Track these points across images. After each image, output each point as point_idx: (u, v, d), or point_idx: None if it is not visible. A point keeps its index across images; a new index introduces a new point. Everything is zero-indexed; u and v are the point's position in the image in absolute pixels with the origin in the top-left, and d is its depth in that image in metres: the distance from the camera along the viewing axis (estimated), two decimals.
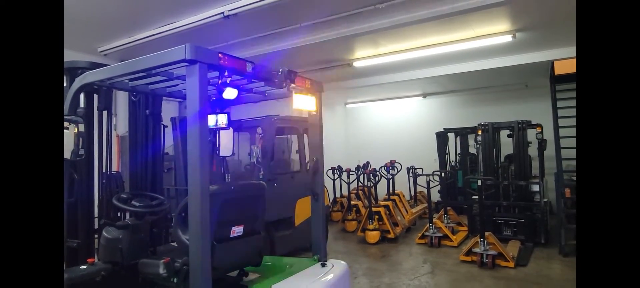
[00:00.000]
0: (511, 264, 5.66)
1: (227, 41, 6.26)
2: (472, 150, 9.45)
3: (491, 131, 7.68)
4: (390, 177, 9.11)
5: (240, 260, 2.63)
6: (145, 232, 2.76)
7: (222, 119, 3.10)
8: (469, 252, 5.99)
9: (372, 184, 8.16)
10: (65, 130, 2.39)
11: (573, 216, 6.17)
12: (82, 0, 4.77)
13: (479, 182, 6.39)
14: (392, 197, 8.55)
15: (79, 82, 2.60)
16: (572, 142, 5.75)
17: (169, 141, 4.47)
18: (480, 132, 7.74)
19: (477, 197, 6.53)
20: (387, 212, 7.67)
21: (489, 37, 6.34)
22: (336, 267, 2.83)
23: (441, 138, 10.60)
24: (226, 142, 3.35)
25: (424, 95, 12.23)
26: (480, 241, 5.83)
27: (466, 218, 7.83)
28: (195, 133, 2.01)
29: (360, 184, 10.00)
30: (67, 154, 2.42)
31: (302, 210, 6.17)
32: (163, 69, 2.41)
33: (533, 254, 6.32)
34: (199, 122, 2.00)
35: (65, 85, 3.17)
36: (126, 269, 2.63)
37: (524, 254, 6.18)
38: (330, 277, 2.70)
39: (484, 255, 5.75)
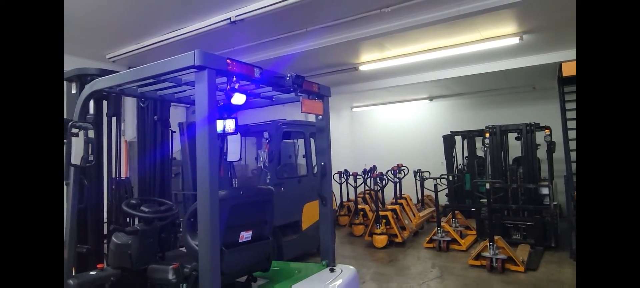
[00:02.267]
0: (521, 268, 5.60)
1: (233, 46, 6.30)
2: (480, 153, 9.39)
3: (499, 134, 7.62)
4: (397, 180, 9.07)
5: (249, 265, 2.62)
6: (154, 237, 2.75)
7: (230, 124, 3.13)
8: (478, 256, 5.93)
9: (379, 188, 8.13)
10: (75, 137, 2.41)
11: None
12: (91, 8, 4.82)
13: (487, 185, 6.34)
14: (399, 201, 8.53)
15: (89, 88, 2.61)
16: None
17: (176, 146, 4.50)
18: (487, 135, 7.67)
19: (485, 200, 6.47)
20: (395, 216, 7.63)
21: (496, 39, 6.31)
22: (345, 272, 2.81)
23: (448, 141, 10.53)
24: (234, 147, 3.36)
25: (431, 98, 12.18)
26: (490, 245, 5.77)
27: (474, 222, 7.77)
28: (204, 138, 2.01)
29: (367, 188, 9.97)
30: (77, 160, 2.43)
31: (309, 214, 6.16)
32: (172, 75, 2.42)
33: (543, 258, 6.25)
34: (208, 127, 2.00)
35: (74, 91, 3.20)
36: (135, 275, 2.63)
37: (534, 258, 6.11)
38: (339, 282, 2.69)
39: (494, 260, 5.69)
